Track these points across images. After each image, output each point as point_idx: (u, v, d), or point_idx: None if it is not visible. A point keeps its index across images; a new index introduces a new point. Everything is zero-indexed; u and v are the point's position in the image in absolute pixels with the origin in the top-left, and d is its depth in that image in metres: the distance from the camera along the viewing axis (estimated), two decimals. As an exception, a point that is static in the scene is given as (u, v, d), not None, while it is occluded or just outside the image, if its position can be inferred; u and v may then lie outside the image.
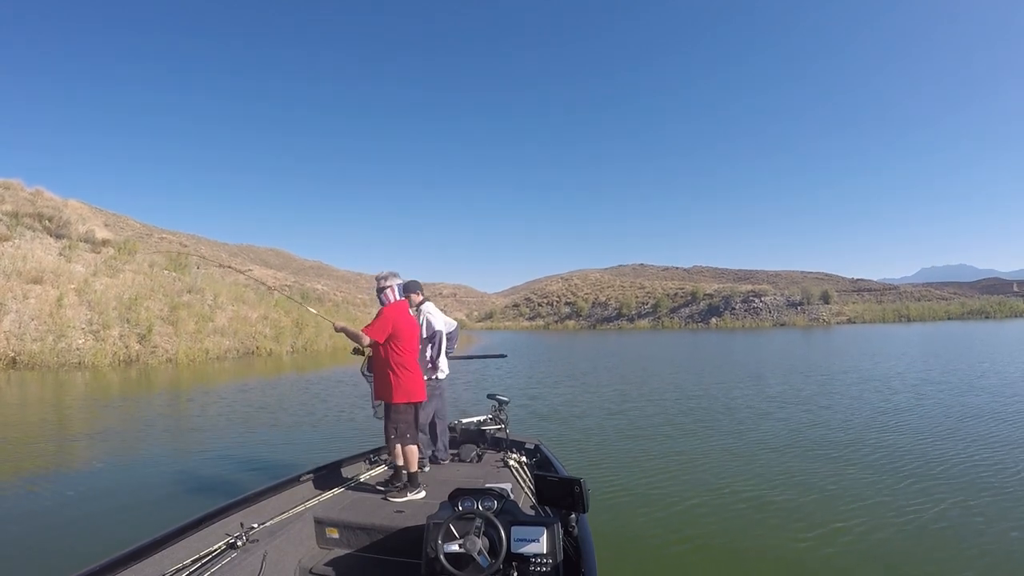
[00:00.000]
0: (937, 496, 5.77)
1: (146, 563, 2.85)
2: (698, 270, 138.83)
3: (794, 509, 5.50)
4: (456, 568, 2.83)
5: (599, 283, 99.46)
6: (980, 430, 8.76)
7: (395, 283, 4.54)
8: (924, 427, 9.11)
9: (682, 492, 6.03)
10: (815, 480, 6.44)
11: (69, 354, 18.42)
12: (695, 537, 4.88)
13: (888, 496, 5.81)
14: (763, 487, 6.18)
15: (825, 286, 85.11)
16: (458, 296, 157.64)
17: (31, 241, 24.10)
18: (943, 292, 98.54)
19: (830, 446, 8.03)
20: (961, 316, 69.73)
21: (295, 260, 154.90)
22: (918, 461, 7.10)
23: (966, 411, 10.27)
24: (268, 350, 25.96)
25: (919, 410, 10.55)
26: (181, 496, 6.06)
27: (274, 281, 73.50)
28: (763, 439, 8.58)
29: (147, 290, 23.77)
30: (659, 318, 76.72)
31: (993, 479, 6.32)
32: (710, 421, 10.03)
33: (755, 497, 5.85)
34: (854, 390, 13.23)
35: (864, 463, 7.07)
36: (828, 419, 9.92)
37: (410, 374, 4.41)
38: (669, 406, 11.70)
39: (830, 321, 67.47)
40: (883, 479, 6.39)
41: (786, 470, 6.87)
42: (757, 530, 5.00)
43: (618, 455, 7.69)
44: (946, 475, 6.50)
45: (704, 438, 8.73)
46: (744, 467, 7.03)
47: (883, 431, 8.87)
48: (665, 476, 6.66)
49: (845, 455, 7.49)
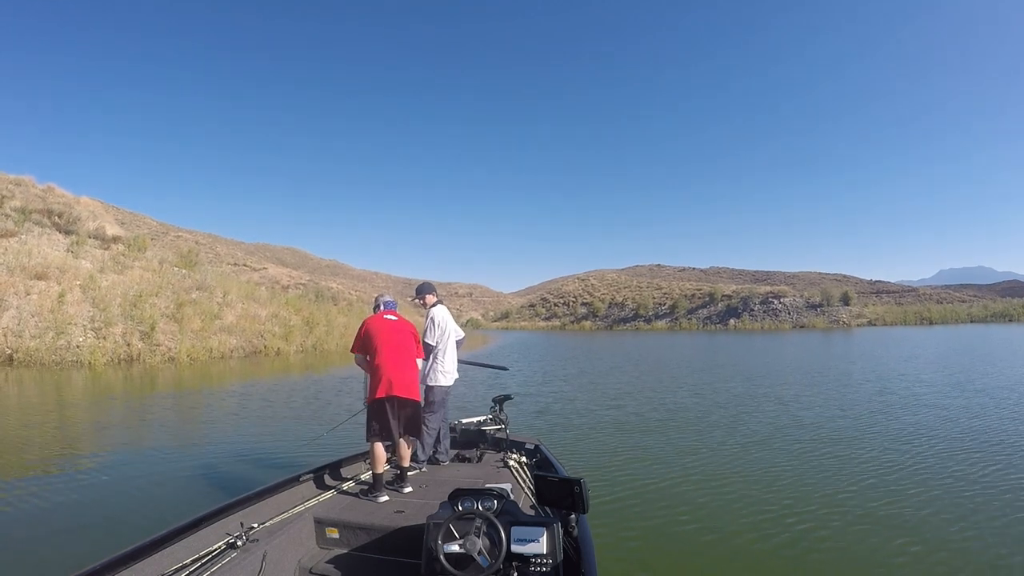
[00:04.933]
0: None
1: (146, 563, 2.84)
2: (715, 271, 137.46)
3: (794, 510, 5.44)
4: (456, 568, 2.82)
5: (616, 283, 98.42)
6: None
7: (380, 300, 4.97)
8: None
9: (683, 492, 6.02)
10: (817, 482, 6.35)
11: (67, 352, 17.95)
12: (695, 537, 4.85)
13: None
14: (764, 488, 6.14)
15: (843, 287, 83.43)
16: (474, 296, 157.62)
17: (38, 237, 23.84)
18: (962, 294, 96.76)
19: (853, 456, 7.47)
20: (984, 319, 68.68)
21: (311, 259, 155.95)
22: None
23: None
24: (276, 349, 25.41)
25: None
26: (181, 496, 6.02)
27: (289, 280, 73.65)
28: (766, 441, 8.41)
29: (155, 287, 23.32)
30: (676, 319, 75.69)
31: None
32: (713, 423, 9.86)
33: (756, 498, 5.82)
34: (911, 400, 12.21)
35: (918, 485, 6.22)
36: (849, 427, 9.12)
37: (379, 374, 4.49)
38: (671, 407, 11.54)
39: (850, 323, 66.02)
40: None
41: (787, 471, 6.80)
42: (758, 531, 4.96)
43: (618, 455, 7.64)
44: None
45: (706, 439, 8.60)
46: (745, 469, 6.96)
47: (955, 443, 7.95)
48: (666, 477, 6.62)
49: (875, 468, 6.79)
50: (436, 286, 5.57)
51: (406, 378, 4.55)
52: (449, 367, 5.40)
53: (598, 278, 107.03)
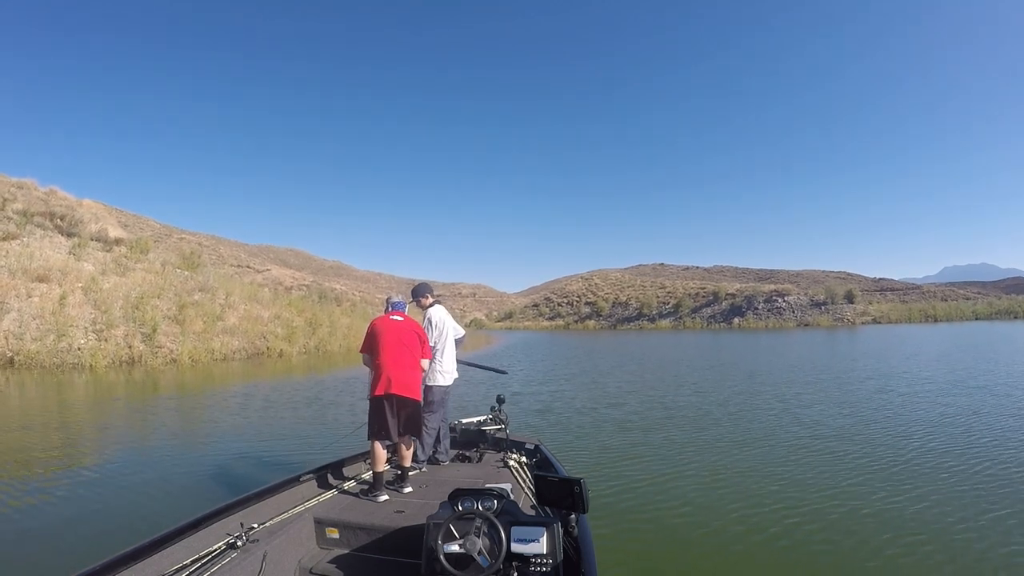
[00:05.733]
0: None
1: (146, 563, 2.83)
2: (718, 269, 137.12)
3: (795, 510, 5.40)
4: (456, 568, 2.81)
5: (619, 283, 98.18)
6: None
7: (389, 301, 5.07)
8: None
9: (684, 492, 5.98)
10: (817, 481, 6.32)
11: (68, 354, 17.91)
12: (696, 537, 4.83)
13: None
14: (764, 488, 6.09)
15: (848, 285, 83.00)
16: (477, 296, 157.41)
17: (40, 239, 23.85)
18: (967, 291, 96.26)
19: (853, 455, 7.42)
20: (989, 316, 68.61)
21: (314, 260, 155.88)
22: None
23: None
24: (278, 351, 25.33)
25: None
26: (181, 496, 6.01)
27: (292, 281, 73.70)
28: (767, 440, 8.34)
29: (157, 289, 23.31)
30: (680, 318, 75.42)
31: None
32: (714, 421, 9.79)
33: (757, 497, 5.79)
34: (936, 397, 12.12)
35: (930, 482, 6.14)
36: (854, 421, 9.01)
37: (380, 372, 4.53)
38: (672, 406, 11.46)
39: (855, 321, 65.64)
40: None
41: (788, 470, 6.76)
42: (759, 530, 4.93)
43: (619, 455, 7.58)
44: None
45: (707, 438, 8.54)
46: (746, 467, 6.92)
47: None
48: (667, 476, 6.59)
49: (892, 469, 6.60)
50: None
51: (406, 377, 4.54)
52: (448, 366, 5.37)
53: (601, 277, 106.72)
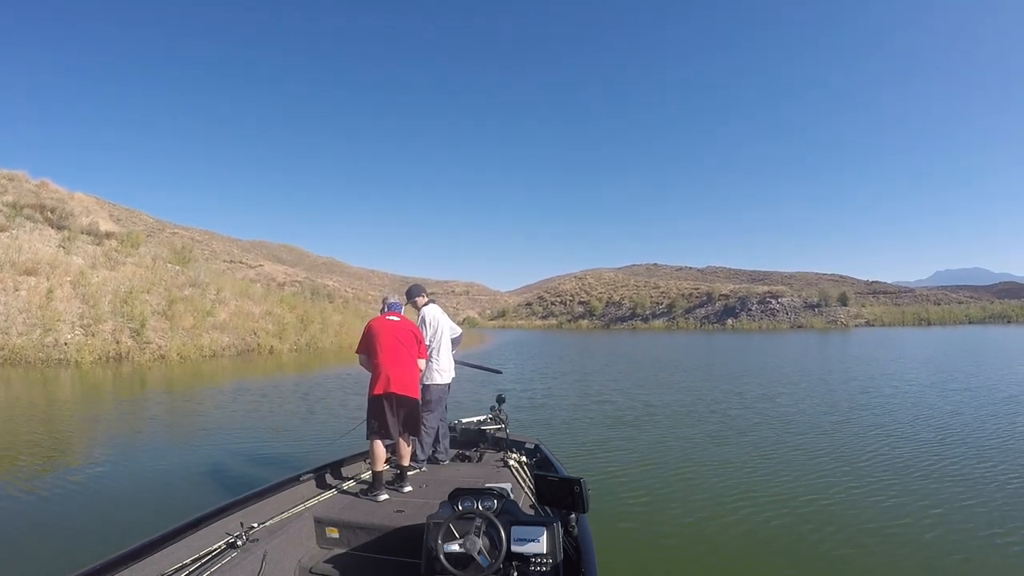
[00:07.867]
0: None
1: (146, 563, 2.83)
2: (712, 270, 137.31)
3: (796, 509, 5.44)
4: (456, 568, 2.81)
5: (613, 282, 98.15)
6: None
7: (386, 302, 5.03)
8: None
9: (683, 492, 6.00)
10: (818, 479, 6.38)
11: (54, 350, 17.62)
12: (695, 536, 4.84)
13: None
14: (765, 488, 6.11)
15: (841, 288, 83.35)
16: (471, 294, 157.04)
17: (30, 232, 23.48)
18: (959, 295, 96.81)
19: (853, 453, 7.56)
20: (982, 320, 69.08)
21: (308, 256, 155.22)
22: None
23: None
24: (269, 347, 25.09)
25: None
26: (181, 496, 6.00)
27: (285, 277, 73.34)
28: (768, 439, 8.40)
29: (147, 283, 23.00)
30: (674, 318, 75.51)
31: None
32: (713, 422, 9.83)
33: (758, 496, 5.81)
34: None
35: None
36: (850, 423, 8.90)
37: (378, 372, 4.53)
38: (671, 406, 11.46)
39: (848, 323, 65.92)
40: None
41: (789, 470, 6.82)
42: (759, 530, 4.95)
43: (618, 454, 7.59)
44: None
45: (707, 438, 8.57)
46: (746, 466, 6.95)
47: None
48: (667, 475, 6.62)
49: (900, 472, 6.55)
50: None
51: (404, 375, 4.56)
52: (444, 365, 5.38)
53: (595, 277, 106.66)
